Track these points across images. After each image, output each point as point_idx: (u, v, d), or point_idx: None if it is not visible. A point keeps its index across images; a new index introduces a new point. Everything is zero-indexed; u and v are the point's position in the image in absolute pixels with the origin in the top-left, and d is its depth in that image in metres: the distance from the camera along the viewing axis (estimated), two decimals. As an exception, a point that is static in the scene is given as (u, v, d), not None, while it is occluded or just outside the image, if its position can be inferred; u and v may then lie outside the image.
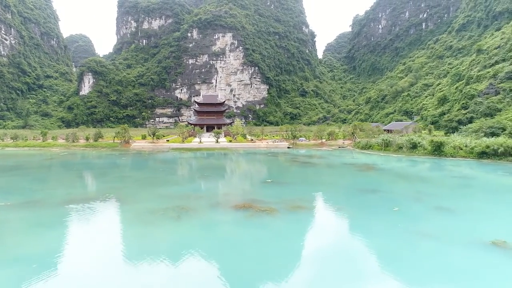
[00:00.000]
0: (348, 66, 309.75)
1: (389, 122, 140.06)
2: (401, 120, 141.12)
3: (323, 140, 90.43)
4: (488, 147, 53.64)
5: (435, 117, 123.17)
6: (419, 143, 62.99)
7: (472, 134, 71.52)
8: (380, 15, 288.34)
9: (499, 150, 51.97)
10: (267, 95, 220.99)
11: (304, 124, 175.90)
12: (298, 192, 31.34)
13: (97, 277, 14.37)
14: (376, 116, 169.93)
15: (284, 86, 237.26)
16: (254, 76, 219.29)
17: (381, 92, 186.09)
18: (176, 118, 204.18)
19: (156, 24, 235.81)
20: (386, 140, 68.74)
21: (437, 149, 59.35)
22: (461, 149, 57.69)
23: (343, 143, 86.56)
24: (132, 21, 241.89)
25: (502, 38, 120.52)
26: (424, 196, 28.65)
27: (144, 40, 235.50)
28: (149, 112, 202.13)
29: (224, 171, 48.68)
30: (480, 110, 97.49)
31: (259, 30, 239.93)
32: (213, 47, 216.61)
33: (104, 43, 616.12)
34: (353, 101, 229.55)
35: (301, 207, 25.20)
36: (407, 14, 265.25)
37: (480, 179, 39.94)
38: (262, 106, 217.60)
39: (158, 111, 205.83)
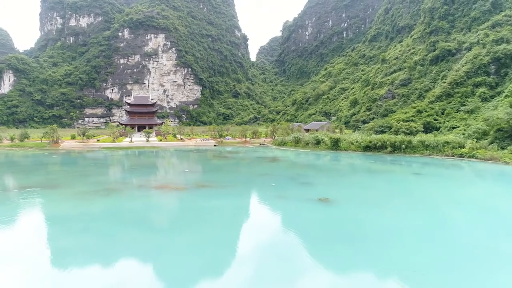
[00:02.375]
0: (279, 69, 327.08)
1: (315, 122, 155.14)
2: (320, 120, 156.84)
3: (247, 139, 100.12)
4: (370, 142, 67.06)
5: (347, 117, 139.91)
6: (321, 140, 75.22)
7: (367, 131, 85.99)
8: (307, 22, 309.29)
9: (378, 144, 65.53)
10: (200, 96, 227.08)
11: (236, 124, 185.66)
12: (208, 177, 39.84)
13: (42, 232, 21.31)
14: (300, 117, 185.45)
15: (217, 87, 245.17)
16: (187, 77, 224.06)
17: (305, 95, 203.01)
18: (107, 118, 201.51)
19: (84, 21, 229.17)
20: (297, 137, 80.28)
21: (335, 144, 71.90)
22: (353, 144, 70.72)
23: (264, 141, 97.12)
24: (58, 18, 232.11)
25: (400, 50, 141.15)
26: (299, 177, 38.87)
27: (71, 38, 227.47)
28: (77, 112, 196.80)
29: (151, 165, 55.43)
30: (380, 111, 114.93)
31: (192, 32, 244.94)
32: (145, 47, 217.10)
33: (23, 38, 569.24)
34: (282, 103, 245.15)
35: (205, 186, 33.63)
36: (330, 23, 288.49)
37: (351, 164, 52.00)
38: (195, 106, 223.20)
39: (88, 111, 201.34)
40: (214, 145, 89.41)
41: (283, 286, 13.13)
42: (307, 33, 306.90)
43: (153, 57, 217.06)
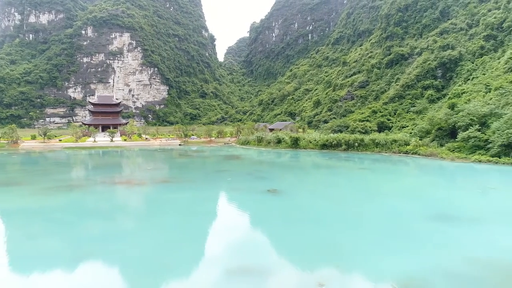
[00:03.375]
0: (246, 70, 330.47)
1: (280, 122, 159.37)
2: (285, 120, 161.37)
3: (212, 138, 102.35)
4: (327, 140, 71.38)
5: (311, 118, 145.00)
6: (282, 139, 78.85)
7: (326, 131, 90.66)
8: (274, 24, 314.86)
9: (334, 143, 69.95)
10: (167, 96, 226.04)
11: (203, 124, 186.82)
12: (170, 173, 42.02)
13: (4, 223, 22.95)
14: (266, 117, 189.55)
15: (184, 87, 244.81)
16: (154, 77, 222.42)
17: (271, 95, 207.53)
18: (70, 118, 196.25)
19: (44, 18, 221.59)
20: (259, 137, 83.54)
21: (295, 143, 75.71)
22: (311, 142, 74.80)
23: (229, 140, 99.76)
24: (16, 13, 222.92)
25: (359, 54, 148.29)
26: (256, 172, 41.88)
27: (30, 35, 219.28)
28: (37, 112, 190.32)
29: (114, 164, 56.60)
30: (340, 112, 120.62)
31: (158, 32, 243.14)
32: (109, 46, 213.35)
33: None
34: (249, 103, 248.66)
35: (166, 181, 35.88)
36: (296, 25, 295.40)
37: (306, 161, 55.77)
38: (162, 106, 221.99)
39: (49, 111, 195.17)
40: (179, 145, 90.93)
41: (236, 263, 15.86)
42: (273, 34, 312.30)
43: (118, 56, 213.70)
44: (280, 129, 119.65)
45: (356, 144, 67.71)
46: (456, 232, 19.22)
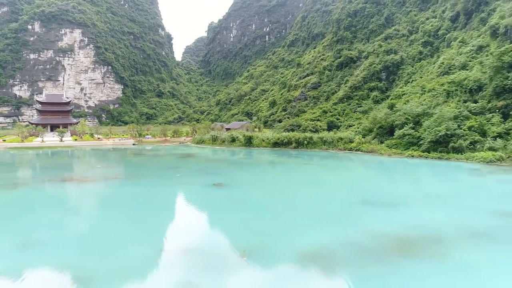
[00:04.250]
0: (204, 70, 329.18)
1: (236, 122, 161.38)
2: (242, 120, 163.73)
3: (168, 138, 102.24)
4: (278, 139, 74.37)
5: (267, 117, 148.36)
6: (236, 137, 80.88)
7: (278, 130, 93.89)
8: (231, 25, 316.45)
9: (284, 141, 73.06)
10: (121, 95, 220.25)
11: (160, 124, 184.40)
12: (120, 171, 42.52)
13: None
14: (224, 117, 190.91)
15: (140, 86, 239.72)
16: (107, 75, 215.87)
17: (228, 95, 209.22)
18: (15, 118, 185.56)
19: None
20: (214, 136, 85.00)
21: (248, 142, 78.01)
22: (264, 141, 77.47)
23: (185, 139, 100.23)
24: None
25: (313, 56, 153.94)
26: (206, 169, 43.56)
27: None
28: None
29: (63, 163, 55.61)
30: (293, 112, 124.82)
31: (112, 29, 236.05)
32: (59, 42, 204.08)
33: None
34: (207, 103, 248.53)
35: (116, 178, 36.54)
36: (253, 26, 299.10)
37: (257, 158, 58.24)
38: (116, 106, 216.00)
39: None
40: (133, 144, 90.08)
41: (177, 244, 17.49)
42: (231, 35, 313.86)
43: (69, 53, 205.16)
44: (237, 129, 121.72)
45: (306, 142, 71.25)
46: (372, 213, 22.20)
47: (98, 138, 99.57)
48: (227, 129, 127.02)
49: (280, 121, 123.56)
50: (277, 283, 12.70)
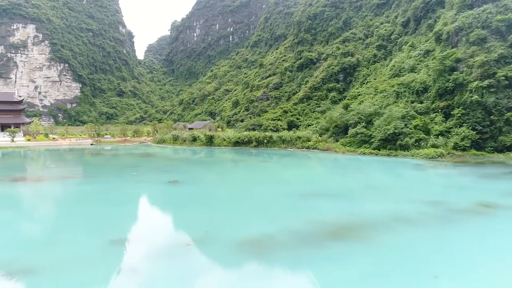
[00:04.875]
0: (167, 69, 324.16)
1: (199, 121, 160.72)
2: (205, 120, 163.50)
3: (128, 138, 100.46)
4: (239, 138, 75.60)
5: (230, 117, 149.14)
6: (198, 137, 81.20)
7: (240, 129, 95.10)
8: (195, 24, 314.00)
9: (245, 140, 74.41)
10: (80, 94, 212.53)
11: (121, 124, 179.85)
12: (75, 170, 41.84)
13: None
14: (187, 116, 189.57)
15: (99, 85, 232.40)
16: (64, 73, 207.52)
17: (192, 95, 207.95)
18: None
19: None
20: (175, 135, 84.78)
21: (209, 141, 78.57)
22: (225, 140, 78.38)
23: (145, 139, 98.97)
24: None
25: (275, 57, 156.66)
26: (164, 167, 43.86)
27: None
28: None
29: (14, 164, 53.46)
30: (256, 112, 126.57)
31: (69, 25, 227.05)
32: (11, 38, 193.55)
33: None
34: (170, 102, 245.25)
35: (70, 177, 36.02)
36: (217, 26, 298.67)
37: (217, 157, 59.12)
38: (74, 105, 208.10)
39: None
40: (91, 144, 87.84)
41: (121, 236, 18.00)
42: (195, 34, 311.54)
43: (22, 49, 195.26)
44: (200, 128, 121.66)
45: (265, 141, 73.01)
46: (316, 204, 23.85)
47: (54, 138, 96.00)
48: (190, 129, 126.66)
49: (242, 120, 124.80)
50: (215, 266, 13.79)
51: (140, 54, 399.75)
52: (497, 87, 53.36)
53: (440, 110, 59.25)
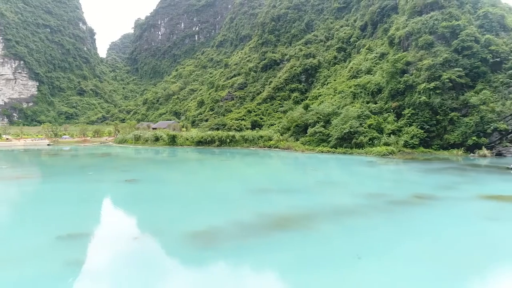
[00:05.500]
0: (131, 67, 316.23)
1: (163, 121, 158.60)
2: (170, 120, 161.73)
3: (88, 138, 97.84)
4: (202, 137, 75.93)
5: (195, 117, 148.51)
6: (160, 137, 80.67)
7: (204, 129, 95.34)
8: (159, 22, 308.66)
9: (208, 139, 74.86)
10: (37, 93, 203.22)
11: (82, 124, 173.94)
12: (28, 171, 40.73)
13: None
14: (151, 116, 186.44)
15: (58, 83, 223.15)
16: (19, 71, 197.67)
17: (156, 94, 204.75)
18: None
19: None
20: (137, 135, 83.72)
21: (172, 141, 78.32)
22: (188, 140, 78.43)
23: (106, 139, 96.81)
24: None
25: (239, 57, 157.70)
26: (122, 167, 43.70)
27: None
28: None
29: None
30: (221, 111, 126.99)
31: (24, 20, 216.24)
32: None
33: None
34: (134, 102, 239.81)
35: (23, 178, 35.17)
36: (182, 25, 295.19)
37: (178, 156, 59.36)
38: (31, 104, 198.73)
39: None
40: (48, 145, 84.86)
41: (82, 233, 18.25)
42: (159, 33, 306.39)
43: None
44: (164, 128, 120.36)
45: (228, 140, 73.86)
46: (266, 199, 25.09)
47: (7, 138, 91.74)
48: (154, 129, 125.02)
49: (207, 120, 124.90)
50: (158, 256, 14.58)
51: (102, 52, 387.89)
52: (443, 89, 57.36)
53: (392, 110, 62.75)
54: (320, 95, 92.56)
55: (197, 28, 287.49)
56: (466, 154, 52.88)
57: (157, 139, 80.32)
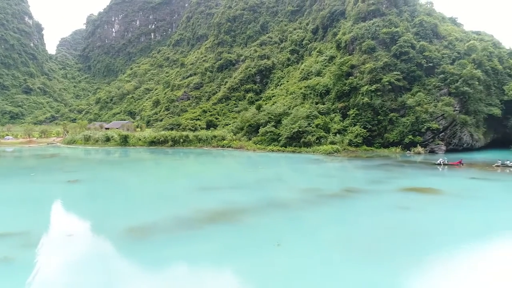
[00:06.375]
0: (83, 65, 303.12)
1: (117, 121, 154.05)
2: (124, 120, 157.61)
3: (34, 138, 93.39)
4: (155, 137, 75.34)
5: (150, 117, 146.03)
6: (111, 137, 78.93)
7: (158, 129, 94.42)
8: (113, 19, 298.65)
9: (161, 140, 74.45)
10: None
11: (29, 124, 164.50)
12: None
13: None
14: (105, 116, 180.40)
15: (1, 81, 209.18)
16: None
17: (110, 94, 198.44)
18: None
19: None
20: (87, 135, 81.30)
21: (124, 141, 76.91)
22: (140, 140, 77.42)
23: (54, 140, 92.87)
24: None
25: (196, 57, 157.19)
26: (67, 168, 42.88)
27: None
28: None
29: None
30: (176, 111, 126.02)
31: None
32: None
33: None
34: (86, 101, 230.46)
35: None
36: (138, 22, 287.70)
37: (128, 156, 58.88)
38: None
39: None
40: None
41: (13, 232, 18.23)
42: (113, 30, 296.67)
43: None
44: (117, 128, 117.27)
45: (182, 140, 73.91)
46: (205, 195, 26.22)
47: None
48: (107, 129, 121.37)
49: (162, 120, 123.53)
50: (92, 251, 15.27)
51: (51, 49, 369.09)
52: (383, 91, 61.48)
53: (338, 111, 66.19)
54: (273, 96, 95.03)
55: (153, 26, 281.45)
56: (404, 152, 57.18)
57: (108, 139, 78.51)
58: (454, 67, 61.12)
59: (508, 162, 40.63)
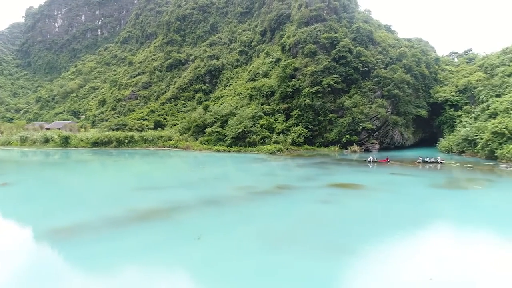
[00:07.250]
0: (22, 61, 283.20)
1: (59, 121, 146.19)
2: (68, 119, 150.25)
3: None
4: (98, 138, 73.33)
5: (96, 116, 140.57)
6: (51, 138, 75.51)
7: (103, 129, 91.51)
8: (56, 13, 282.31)
9: (105, 140, 72.63)
10: None
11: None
12: None
13: None
14: (46, 116, 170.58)
15: None
16: None
17: (52, 92, 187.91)
18: None
19: None
20: (23, 136, 77.05)
21: (65, 142, 73.98)
22: (82, 141, 74.90)
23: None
24: None
25: (144, 55, 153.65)
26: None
27: None
28: None
29: None
30: (123, 111, 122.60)
31: None
32: None
33: None
34: (25, 100, 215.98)
35: None
36: (83, 17, 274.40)
37: (65, 158, 56.95)
38: None
39: None
40: None
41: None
42: (56, 24, 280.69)
43: None
44: (59, 129, 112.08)
45: (127, 141, 72.69)
46: (141, 195, 26.67)
47: None
48: (48, 129, 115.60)
49: (107, 120, 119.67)
50: (15, 251, 15.46)
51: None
52: (323, 93, 64.92)
53: (282, 112, 68.81)
54: (222, 96, 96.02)
55: (100, 22, 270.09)
56: (341, 150, 60.95)
57: (47, 140, 75.04)
58: (386, 72, 66.10)
59: (427, 158, 45.14)
